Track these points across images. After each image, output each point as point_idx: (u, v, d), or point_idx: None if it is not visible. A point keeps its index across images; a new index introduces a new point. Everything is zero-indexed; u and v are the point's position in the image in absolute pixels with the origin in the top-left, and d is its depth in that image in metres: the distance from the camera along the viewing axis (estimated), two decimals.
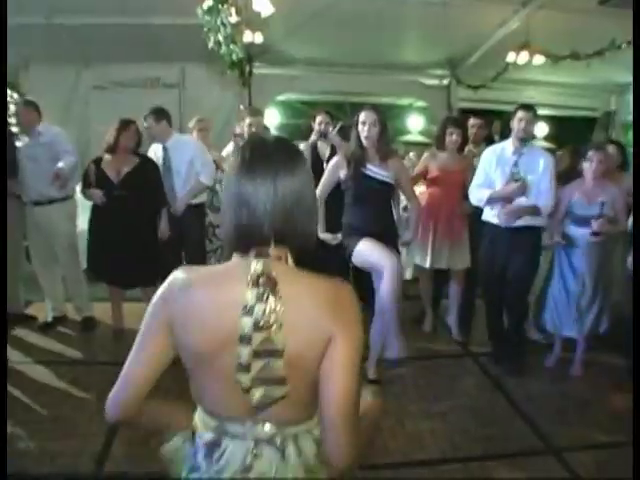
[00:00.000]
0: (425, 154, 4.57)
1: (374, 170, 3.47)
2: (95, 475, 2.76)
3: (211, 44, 4.32)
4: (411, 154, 7.75)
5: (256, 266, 1.14)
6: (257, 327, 1.11)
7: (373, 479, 2.84)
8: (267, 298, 1.12)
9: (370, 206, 3.49)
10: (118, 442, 2.99)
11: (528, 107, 3.69)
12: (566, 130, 8.86)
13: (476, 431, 3.23)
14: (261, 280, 1.12)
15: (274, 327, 1.11)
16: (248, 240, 1.18)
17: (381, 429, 3.20)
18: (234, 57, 4.66)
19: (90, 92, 7.60)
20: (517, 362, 3.88)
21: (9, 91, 6.93)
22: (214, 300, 1.17)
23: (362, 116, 3.45)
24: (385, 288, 3.28)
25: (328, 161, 3.90)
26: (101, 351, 4.04)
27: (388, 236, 3.52)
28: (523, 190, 3.61)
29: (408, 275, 5.66)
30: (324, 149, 4.63)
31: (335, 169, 3.54)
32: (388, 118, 9.42)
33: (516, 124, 3.65)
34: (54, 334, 4.31)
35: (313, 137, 4.63)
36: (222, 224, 1.24)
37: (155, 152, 4.48)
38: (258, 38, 6.56)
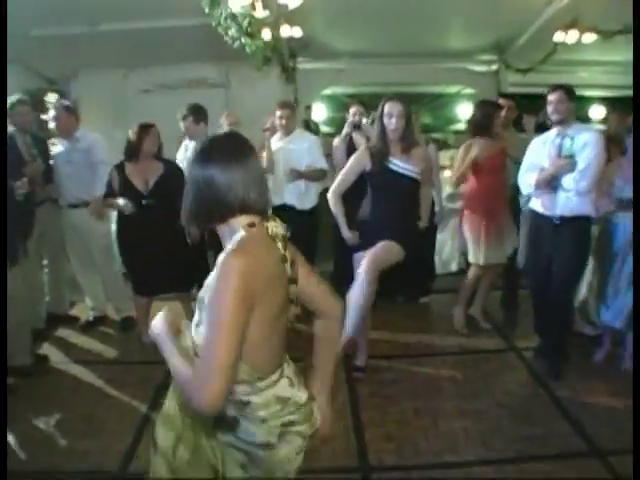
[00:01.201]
0: (462, 147, 4.19)
1: (398, 164, 3.34)
2: (120, 473, 2.79)
3: (226, 38, 4.28)
4: None
5: (279, 226, 1.51)
6: (292, 267, 1.52)
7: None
8: (287, 245, 1.51)
9: (392, 201, 3.37)
10: (145, 441, 3.02)
11: (555, 87, 3.42)
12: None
13: (514, 431, 3.07)
14: (283, 234, 1.51)
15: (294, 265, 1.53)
16: (234, 211, 1.45)
17: (413, 428, 3.10)
18: (248, 50, 4.61)
19: (137, 95, 7.78)
20: (558, 363, 3.62)
21: (57, 97, 7.19)
22: (267, 258, 1.44)
23: (387, 107, 3.29)
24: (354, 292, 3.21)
25: None
26: (138, 351, 4.06)
27: (406, 232, 3.39)
28: (571, 167, 3.34)
29: (454, 267, 5.50)
30: (360, 141, 4.51)
31: (359, 162, 3.43)
32: (436, 107, 9.35)
33: (548, 108, 3.43)
34: (95, 333, 4.41)
35: (346, 129, 4.55)
36: (199, 204, 1.45)
37: (186, 148, 4.49)
38: (297, 32, 6.52)
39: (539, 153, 3.55)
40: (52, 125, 4.32)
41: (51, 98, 7.13)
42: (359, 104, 4.56)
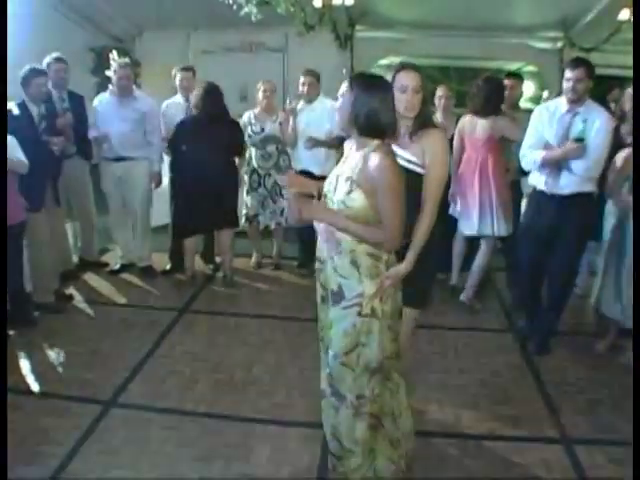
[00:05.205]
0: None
1: (402, 155, 2.45)
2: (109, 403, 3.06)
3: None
4: None
5: None
6: None
7: None
8: None
9: None
10: (139, 378, 3.31)
11: (577, 64, 3.23)
12: None
13: (489, 409, 3.08)
14: None
15: None
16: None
17: None
18: (253, 19, 4.69)
19: (198, 56, 7.99)
20: (546, 340, 3.64)
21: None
22: None
23: (402, 78, 2.45)
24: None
25: None
26: (151, 297, 4.41)
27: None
28: (581, 152, 3.21)
29: None
30: None
31: None
32: None
33: (564, 84, 3.27)
34: (118, 279, 4.77)
35: None
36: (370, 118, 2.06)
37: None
38: (349, 0, 6.51)
39: (544, 127, 3.42)
40: (113, 79, 4.53)
41: (115, 56, 7.47)
42: None
